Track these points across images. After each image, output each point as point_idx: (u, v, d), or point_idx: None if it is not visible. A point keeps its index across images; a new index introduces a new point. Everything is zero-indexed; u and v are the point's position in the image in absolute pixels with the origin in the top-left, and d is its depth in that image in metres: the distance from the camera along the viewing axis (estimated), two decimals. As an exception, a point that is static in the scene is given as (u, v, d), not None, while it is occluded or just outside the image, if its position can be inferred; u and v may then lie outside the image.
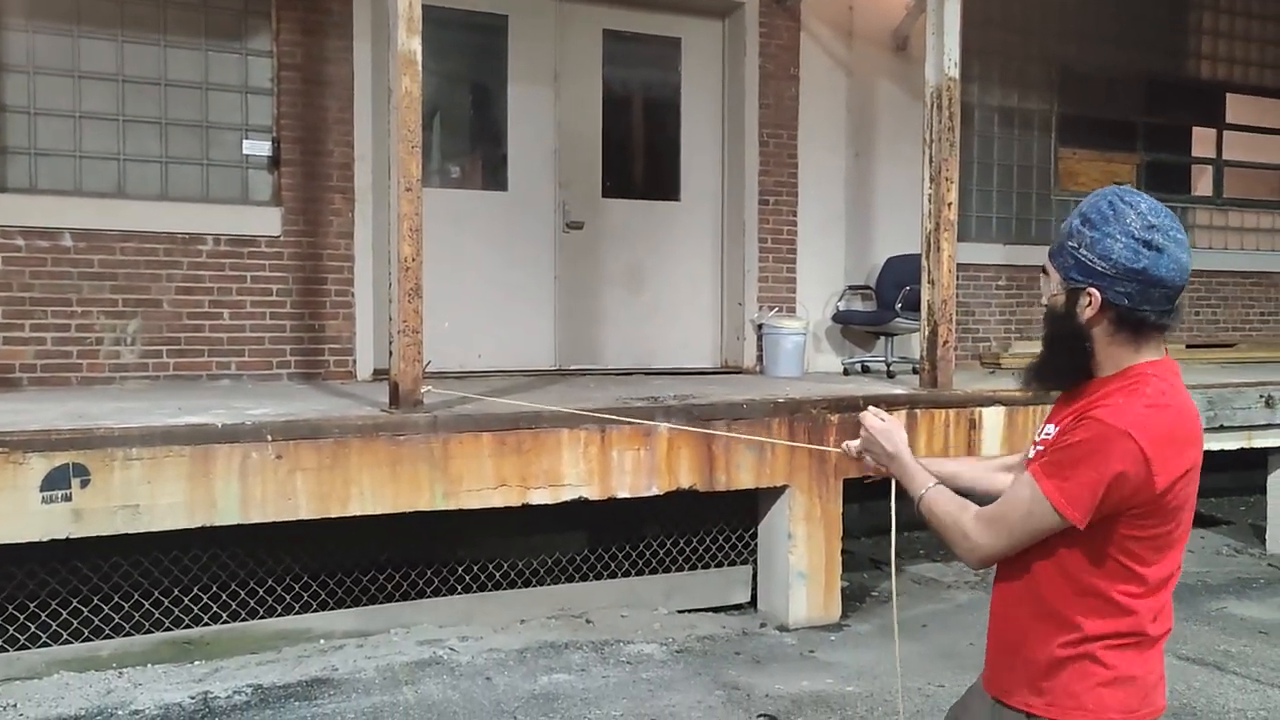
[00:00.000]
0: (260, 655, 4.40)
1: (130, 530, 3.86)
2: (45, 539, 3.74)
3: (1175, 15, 8.76)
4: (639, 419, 4.67)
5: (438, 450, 4.31)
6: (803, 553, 5.09)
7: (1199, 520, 7.67)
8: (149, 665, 4.26)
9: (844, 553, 5.31)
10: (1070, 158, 8.36)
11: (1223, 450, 6.30)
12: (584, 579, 5.19)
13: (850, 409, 5.16)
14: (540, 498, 4.52)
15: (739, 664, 4.59)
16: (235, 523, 4.02)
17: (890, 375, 6.63)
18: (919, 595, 5.72)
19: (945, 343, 5.52)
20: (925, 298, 5.60)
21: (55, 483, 3.73)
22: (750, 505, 5.32)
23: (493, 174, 6.64)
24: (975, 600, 5.59)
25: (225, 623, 4.45)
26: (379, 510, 4.24)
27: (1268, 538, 6.82)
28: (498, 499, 4.44)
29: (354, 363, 5.95)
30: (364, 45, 5.89)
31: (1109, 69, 8.36)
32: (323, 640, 4.55)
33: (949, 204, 5.48)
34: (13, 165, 5.41)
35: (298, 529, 4.27)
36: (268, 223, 5.75)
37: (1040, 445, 1.89)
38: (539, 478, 4.50)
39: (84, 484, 3.77)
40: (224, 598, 4.48)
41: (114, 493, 3.81)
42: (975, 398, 5.50)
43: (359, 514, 4.22)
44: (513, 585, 5.02)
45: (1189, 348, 8.45)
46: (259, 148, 5.81)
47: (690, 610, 5.23)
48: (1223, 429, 6.11)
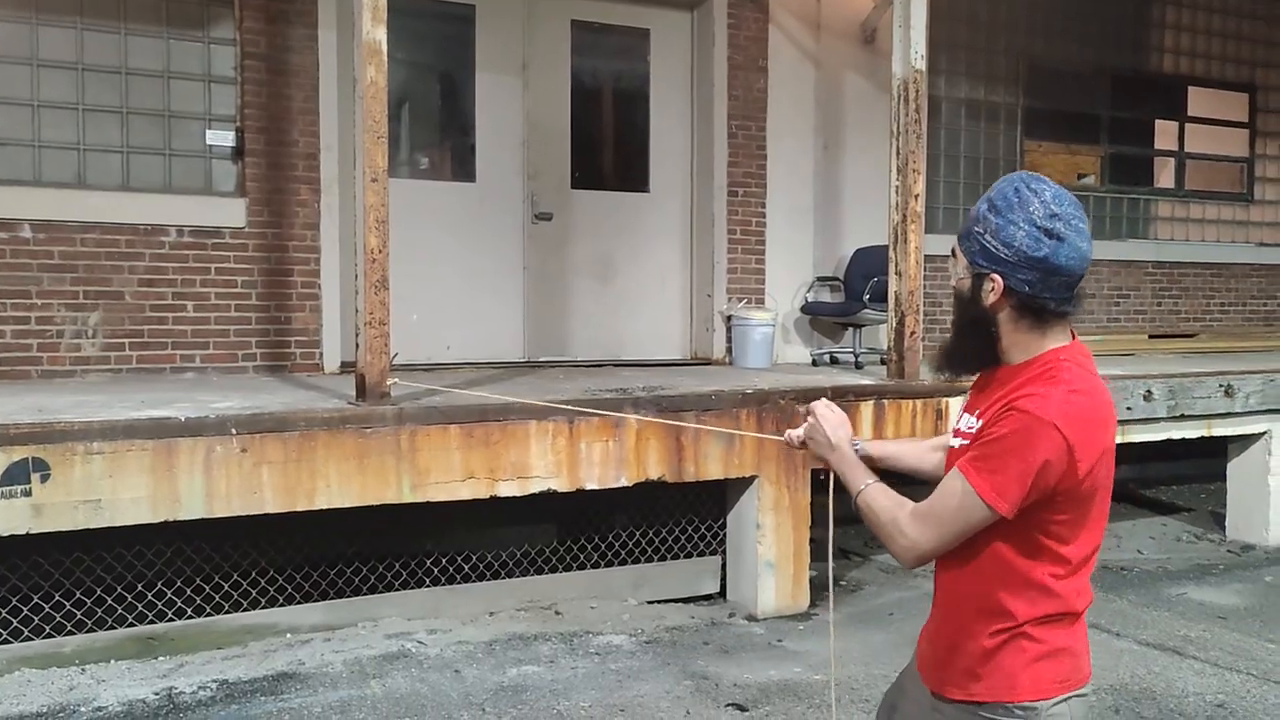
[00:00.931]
0: (226, 650, 4.36)
1: (92, 525, 3.81)
2: (4, 534, 3.69)
3: (1138, 9, 8.85)
4: (608, 410, 4.67)
5: (405, 443, 4.29)
6: (771, 543, 5.12)
7: (1160, 508, 7.79)
8: (112, 661, 4.21)
9: (812, 542, 5.34)
10: (1036, 150, 8.44)
11: (1184, 439, 6.41)
12: (553, 571, 5.19)
13: (817, 399, 5.18)
14: (508, 490, 4.51)
15: (707, 654, 4.61)
16: (200, 517, 3.99)
17: (858, 366, 6.67)
18: (886, 583, 5.77)
19: (913, 333, 5.56)
20: (893, 289, 5.63)
21: (14, 477, 3.67)
22: (719, 496, 5.34)
23: (461, 165, 6.60)
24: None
25: (190, 618, 4.41)
26: (346, 503, 4.22)
27: (1227, 524, 6.93)
28: (465, 491, 4.43)
29: (321, 355, 5.90)
30: (329, 34, 5.84)
31: (1074, 63, 8.44)
32: (289, 635, 4.52)
33: (916, 196, 5.52)
34: (-31, 155, 5.32)
35: (264, 523, 4.24)
36: (232, 214, 5.69)
37: (964, 438, 1.90)
38: (507, 470, 4.50)
39: (44, 479, 3.72)
40: (189, 593, 4.44)
41: (75, 487, 3.76)
42: (941, 388, 5.54)
43: (326, 507, 4.19)
44: (481, 577, 5.01)
45: (1151, 338, 8.57)
46: (223, 138, 5.74)
47: (659, 601, 5.25)
48: (1184, 418, 6.20)
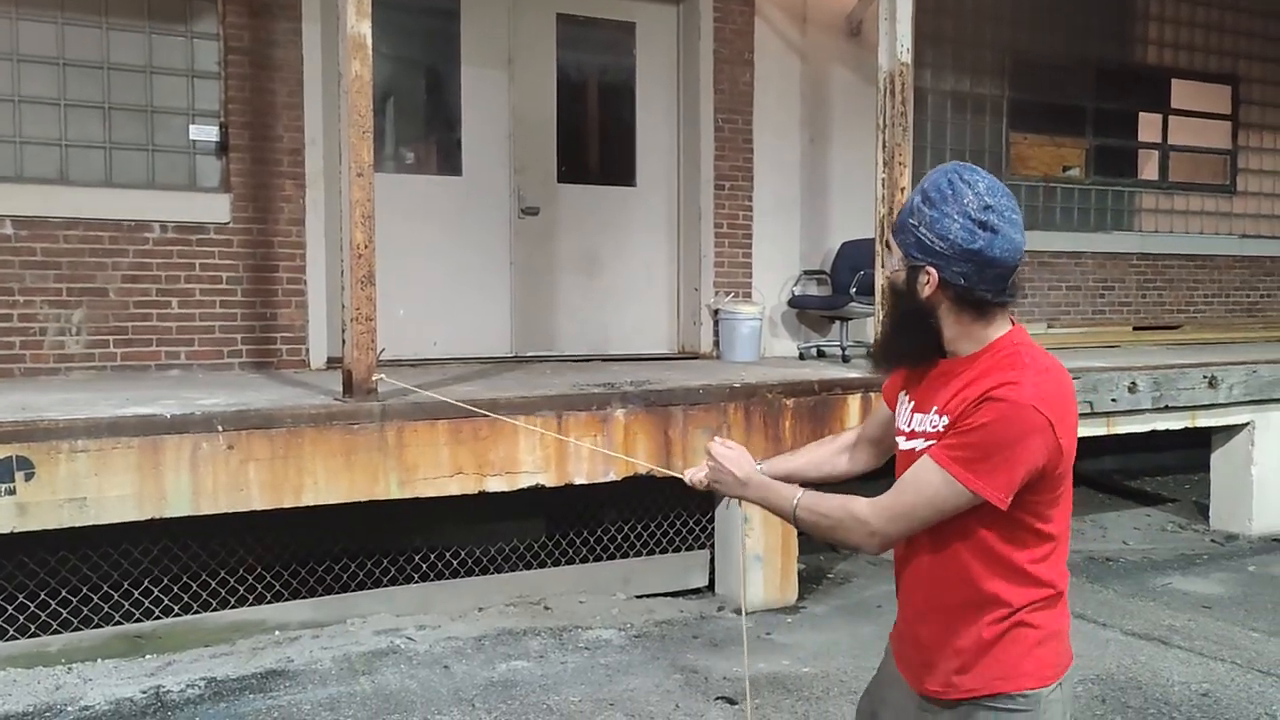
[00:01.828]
0: (214, 648, 4.35)
1: (77, 524, 3.79)
2: (-11, 534, 3.67)
3: (1122, 1, 8.88)
4: (596, 406, 4.68)
5: (392, 439, 4.28)
6: (759, 536, 5.13)
7: (1144, 499, 7.82)
8: (99, 660, 4.19)
9: (800, 535, 5.36)
10: (1021, 143, 8.47)
11: (1168, 430, 6.45)
12: (542, 566, 5.19)
13: (805, 393, 5.20)
14: (497, 485, 4.51)
15: (696, 647, 4.62)
16: (186, 514, 3.97)
17: (845, 359, 6.69)
18: (873, 576, 5.79)
19: (899, 327, 5.56)
20: (879, 282, 5.64)
21: (-2, 476, 3.65)
22: (706, 489, 5.33)
23: (446, 159, 6.58)
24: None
25: (178, 616, 4.40)
26: (333, 500, 4.21)
27: (1211, 515, 6.98)
28: (454, 487, 4.42)
29: (307, 352, 5.88)
30: (313, 28, 5.80)
31: (1059, 55, 8.47)
32: (278, 631, 4.51)
33: (902, 189, 5.52)
34: (-50, 151, 5.28)
35: (251, 520, 4.22)
36: (216, 209, 5.66)
37: (929, 438, 1.83)
38: (495, 465, 4.49)
39: (28, 477, 3.70)
40: (176, 590, 4.42)
41: (59, 486, 3.74)
42: (928, 381, 5.55)
43: (313, 504, 4.18)
44: (470, 573, 5.01)
45: (1136, 329, 8.62)
46: (206, 133, 5.71)
47: (648, 595, 5.25)
48: (1168, 409, 6.24)
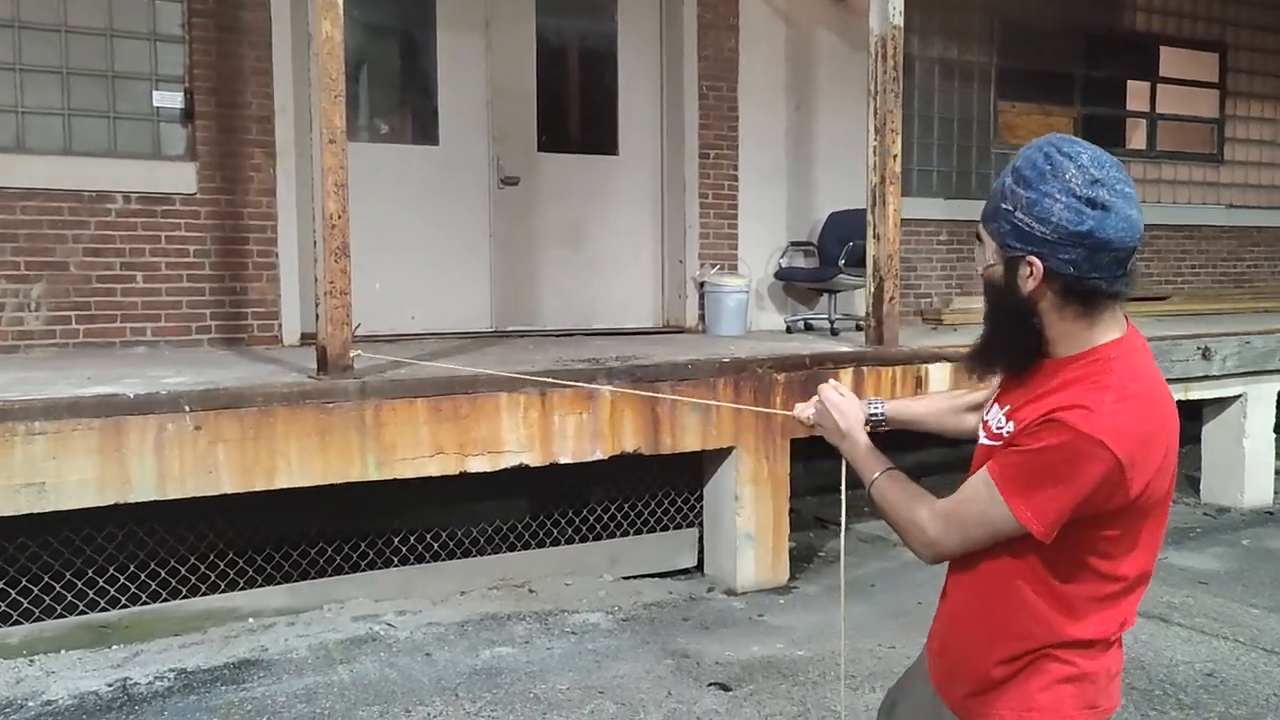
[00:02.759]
0: (184, 637, 4.16)
1: (35, 510, 3.59)
2: (-59, 522, 3.47)
3: (1112, -33, 8.72)
4: (581, 382, 4.50)
5: (369, 418, 4.10)
6: (750, 515, 4.98)
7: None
8: (63, 651, 4.00)
9: (790, 512, 5.22)
10: (1010, 111, 8.31)
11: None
12: (525, 547, 5.03)
13: (796, 367, 5.05)
14: (479, 465, 4.33)
15: (687, 630, 4.48)
16: (152, 499, 3.78)
17: (834, 333, 6.53)
18: (866, 554, 5.67)
19: (891, 299, 5.42)
20: (870, 253, 5.49)
21: (-51, 461, 3.44)
22: (696, 467, 5.19)
23: (423, 128, 6.35)
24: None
25: (145, 604, 4.20)
26: (307, 482, 4.03)
27: (1202, 487, 6.91)
28: (434, 468, 4.25)
29: (279, 327, 5.66)
30: (282, -11, 5.55)
31: (1048, 21, 8.30)
32: (251, 619, 4.33)
33: (894, 156, 5.36)
34: (-102, 118, 5.01)
35: (222, 503, 4.03)
36: (182, 179, 5.42)
37: (994, 438, 1.70)
38: (477, 444, 4.31)
39: (-18, 462, 3.49)
40: (143, 578, 4.23)
41: (15, 470, 3.53)
42: (921, 354, 5.42)
43: (286, 486, 3.99)
44: (451, 556, 4.83)
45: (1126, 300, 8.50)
46: (170, 99, 5.45)
47: (636, 576, 5.11)
48: (1162, 381, 6.13)
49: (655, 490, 5.22)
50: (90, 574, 4.13)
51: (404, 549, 4.74)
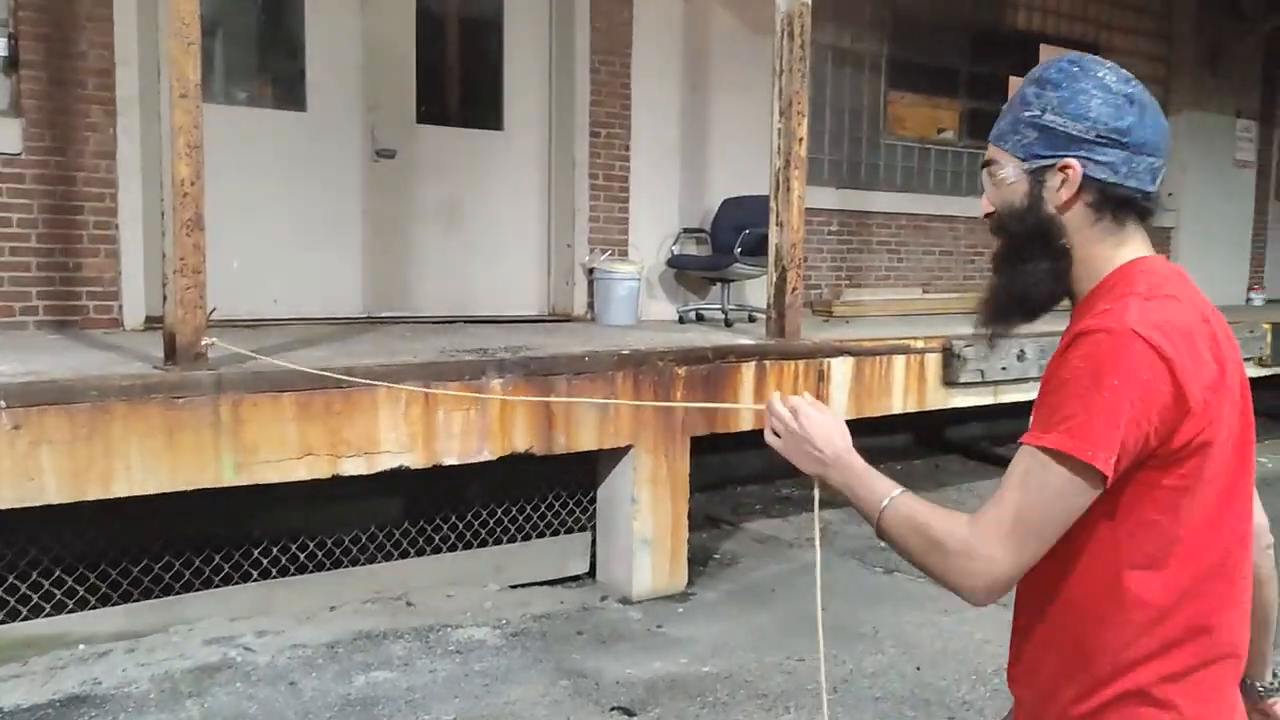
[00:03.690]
0: (0, 670, 3.57)
1: None
2: None
3: (997, -38, 8.74)
4: (469, 376, 4.09)
5: (227, 414, 3.59)
6: (648, 518, 4.67)
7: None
8: None
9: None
10: (899, 102, 8.23)
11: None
12: (402, 555, 4.57)
13: (698, 361, 4.75)
14: (354, 468, 3.87)
15: (582, 646, 4.13)
16: (-42, 511, 3.19)
17: (728, 324, 6.27)
18: (762, 555, 5.44)
19: (794, 289, 5.18)
20: (773, 241, 5.23)
21: None
22: (588, 467, 4.84)
23: (288, 91, 5.76)
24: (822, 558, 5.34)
25: (-49, 632, 3.59)
26: (152, 489, 3.50)
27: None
28: (302, 470, 3.77)
29: (120, 309, 5.02)
30: (125, -75, 4.90)
31: (937, 14, 8.24)
32: (82, 646, 3.75)
33: (800, 139, 5.12)
34: None
35: (46, 514, 3.45)
36: (4, 137, 4.72)
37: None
38: (352, 445, 3.85)
39: None
40: (-51, 601, 3.61)
41: None
42: (824, 348, 5.20)
43: (126, 494, 3.45)
44: (320, 567, 4.34)
45: (1005, 296, 8.56)
46: (-10, 44, 4.75)
47: (524, 585, 4.72)
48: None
49: (544, 492, 4.84)
50: (-120, 599, 3.50)
51: (264, 560, 4.22)
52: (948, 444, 8.10)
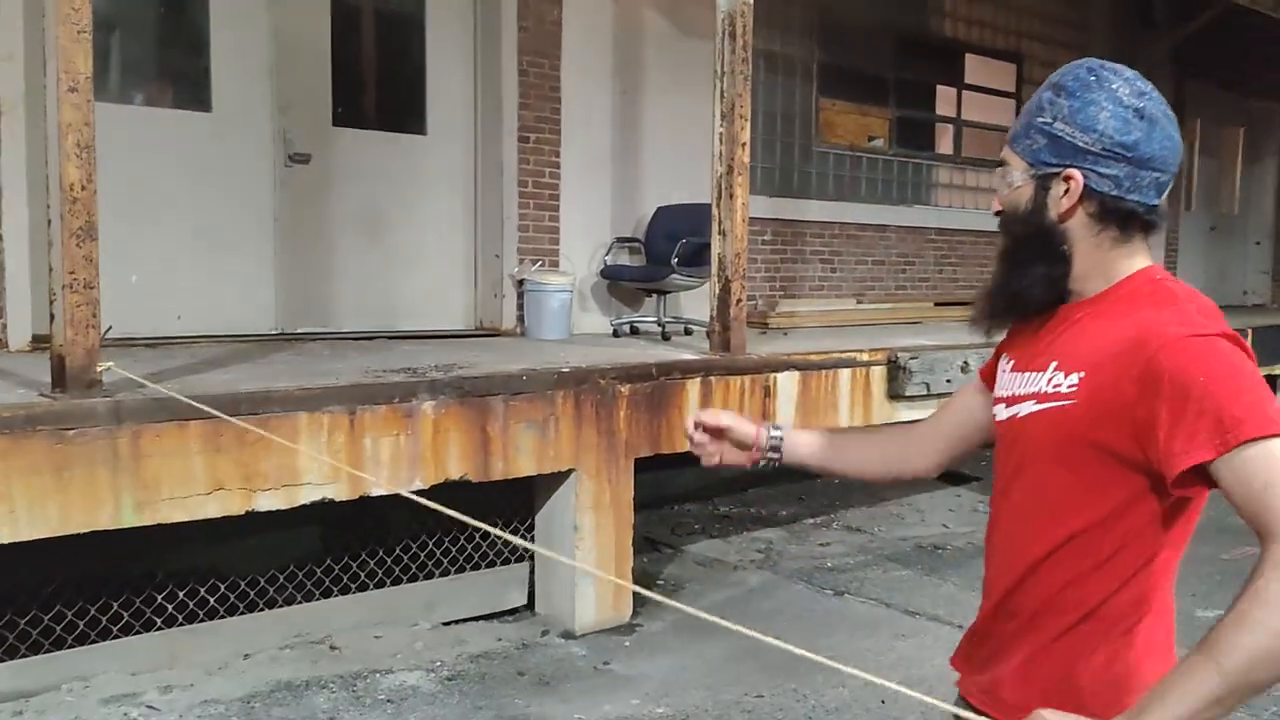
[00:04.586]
0: None
1: None
2: None
3: (922, -31, 8.70)
4: (398, 398, 3.76)
5: (125, 448, 3.20)
6: (591, 546, 4.38)
7: (950, 478, 7.63)
8: None
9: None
10: (830, 109, 8.10)
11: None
12: (324, 594, 4.20)
13: (642, 378, 4.49)
14: (270, 502, 3.51)
15: (525, 688, 3.82)
16: None
17: (665, 337, 6.02)
18: (707, 580, 5.19)
19: (739, 301, 4.96)
20: (716, 251, 5.00)
21: None
22: (525, 493, 4.53)
23: (191, 90, 5.32)
24: (767, 582, 5.13)
25: None
26: (39, 534, 3.09)
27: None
28: (213, 508, 3.39)
29: (4, 327, 4.55)
30: (6, -95, 4.44)
31: (864, 20, 8.14)
32: (-41, 711, 3.32)
33: (743, 145, 4.91)
34: None
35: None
36: None
37: (1041, 399, 1.41)
38: (268, 477, 3.49)
39: None
40: None
41: None
42: (771, 362, 4.99)
43: (9, 541, 3.04)
44: (231, 610, 3.95)
45: (937, 305, 8.51)
46: None
47: (457, 621, 4.39)
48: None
49: (478, 518, 4.50)
50: None
51: (169, 606, 3.81)
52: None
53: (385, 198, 5.84)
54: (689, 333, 6.30)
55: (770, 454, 1.77)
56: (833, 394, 5.28)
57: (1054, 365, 1.41)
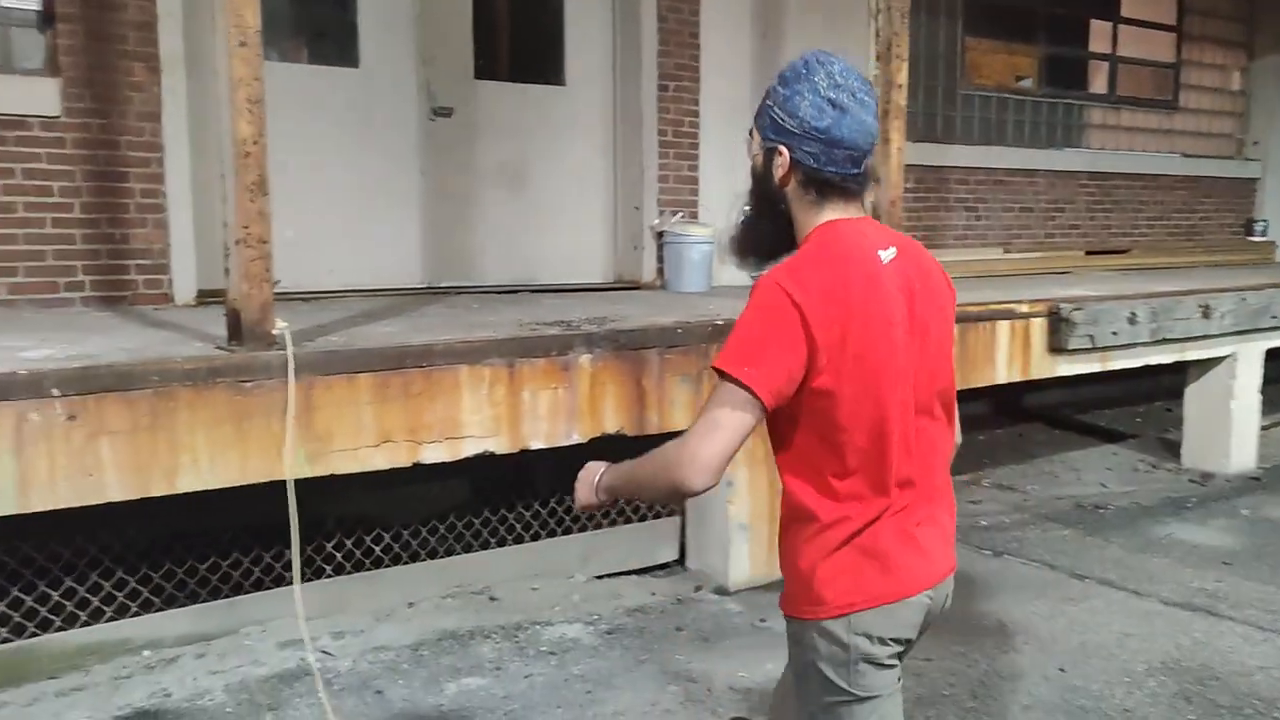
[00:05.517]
0: (61, 681, 3.26)
1: None
2: None
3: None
4: (556, 351, 3.73)
5: (299, 400, 3.24)
6: (745, 501, 4.30)
7: (1104, 435, 7.29)
8: (-104, 709, 3.08)
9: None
10: (976, 48, 7.72)
11: (1159, 364, 5.91)
12: (482, 545, 4.23)
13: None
14: (435, 455, 3.53)
15: (685, 644, 3.79)
16: (10, 513, 2.87)
17: (809, 288, 5.85)
18: (857, 538, 5.06)
19: (894, 251, 4.76)
20: (869, 200, 4.80)
21: None
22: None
23: (339, 47, 5.36)
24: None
25: (7, 641, 3.29)
26: (221, 483, 3.17)
27: (1183, 451, 6.53)
28: (380, 459, 3.43)
29: (170, 283, 4.68)
30: None
31: (1014, -50, 7.71)
32: (148, 652, 3.44)
33: (900, 86, 4.72)
34: None
35: (105, 509, 3.13)
36: (42, 99, 4.36)
37: None
38: (433, 429, 3.51)
39: None
40: (2, 608, 3.31)
41: None
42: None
43: (194, 490, 3.12)
44: (397, 560, 4.01)
45: (1088, 254, 8.09)
46: (23, -1, 4.39)
47: (611, 575, 4.38)
48: (1164, 342, 5.67)
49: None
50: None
51: (339, 555, 3.90)
52: (1027, 412, 7.68)
53: (525, 150, 5.80)
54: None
55: None
56: (990, 347, 5.06)
57: None
